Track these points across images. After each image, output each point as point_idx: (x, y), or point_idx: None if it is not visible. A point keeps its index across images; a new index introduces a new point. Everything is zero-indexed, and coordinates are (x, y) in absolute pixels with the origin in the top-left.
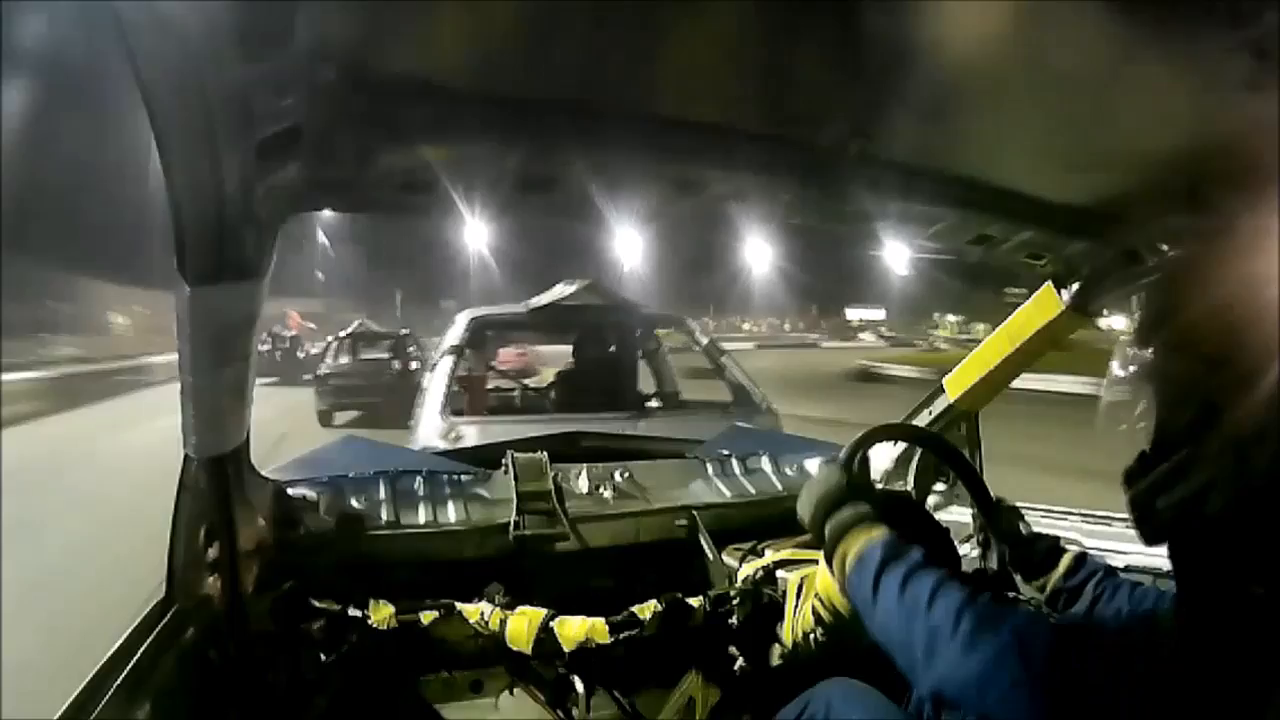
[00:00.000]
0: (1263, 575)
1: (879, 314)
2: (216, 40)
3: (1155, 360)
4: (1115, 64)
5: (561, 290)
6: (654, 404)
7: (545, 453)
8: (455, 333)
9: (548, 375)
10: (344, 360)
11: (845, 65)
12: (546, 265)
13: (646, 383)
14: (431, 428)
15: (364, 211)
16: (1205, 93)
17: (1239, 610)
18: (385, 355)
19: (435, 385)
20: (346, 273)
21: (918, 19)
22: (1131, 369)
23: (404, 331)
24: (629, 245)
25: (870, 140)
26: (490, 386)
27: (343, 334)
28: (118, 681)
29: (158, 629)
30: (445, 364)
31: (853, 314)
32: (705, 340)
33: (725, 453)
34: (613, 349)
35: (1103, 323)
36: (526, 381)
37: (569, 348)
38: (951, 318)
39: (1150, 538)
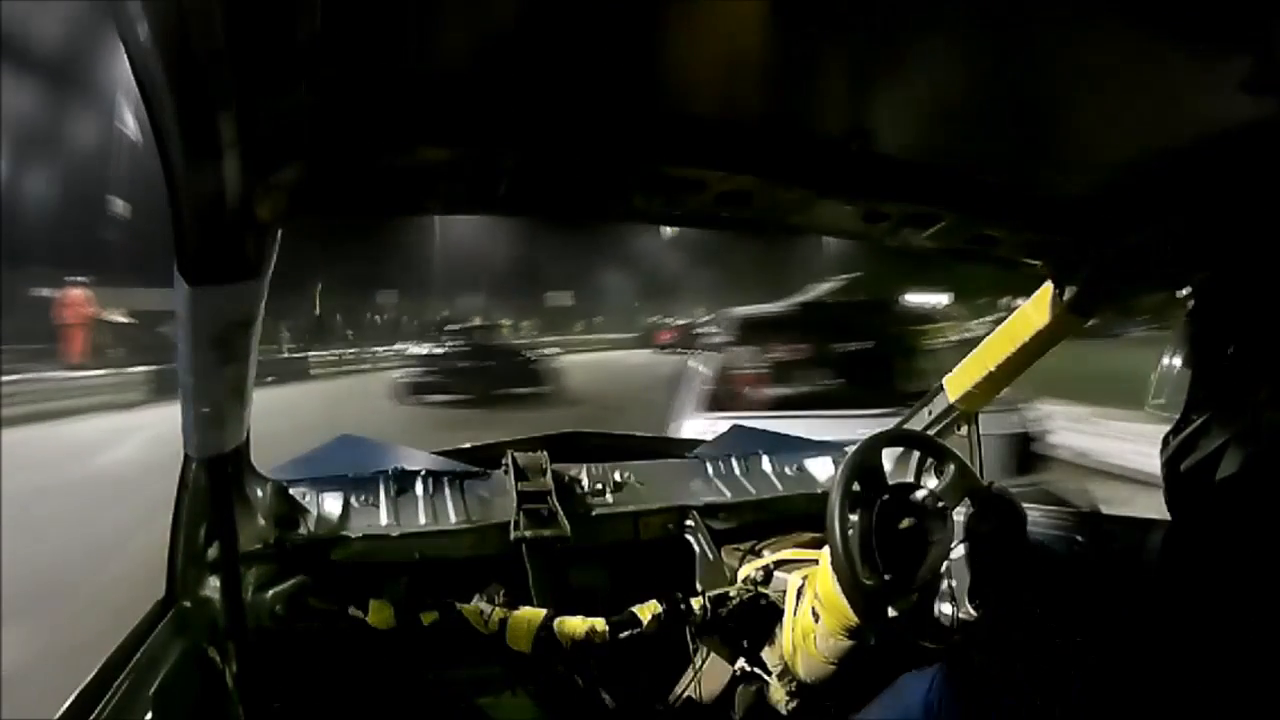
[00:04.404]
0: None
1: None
2: (216, 39)
3: (1191, 324)
4: (1116, 63)
5: (825, 286)
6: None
7: (545, 452)
8: (722, 330)
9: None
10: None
11: (845, 63)
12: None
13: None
14: (692, 427)
15: (365, 212)
16: (1206, 93)
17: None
18: None
19: (696, 383)
20: None
21: (919, 15)
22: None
23: None
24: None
25: (869, 139)
26: (752, 382)
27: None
28: (118, 681)
29: (158, 629)
30: (709, 362)
31: None
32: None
33: (725, 453)
34: (871, 345)
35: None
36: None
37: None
38: None
39: (1176, 501)
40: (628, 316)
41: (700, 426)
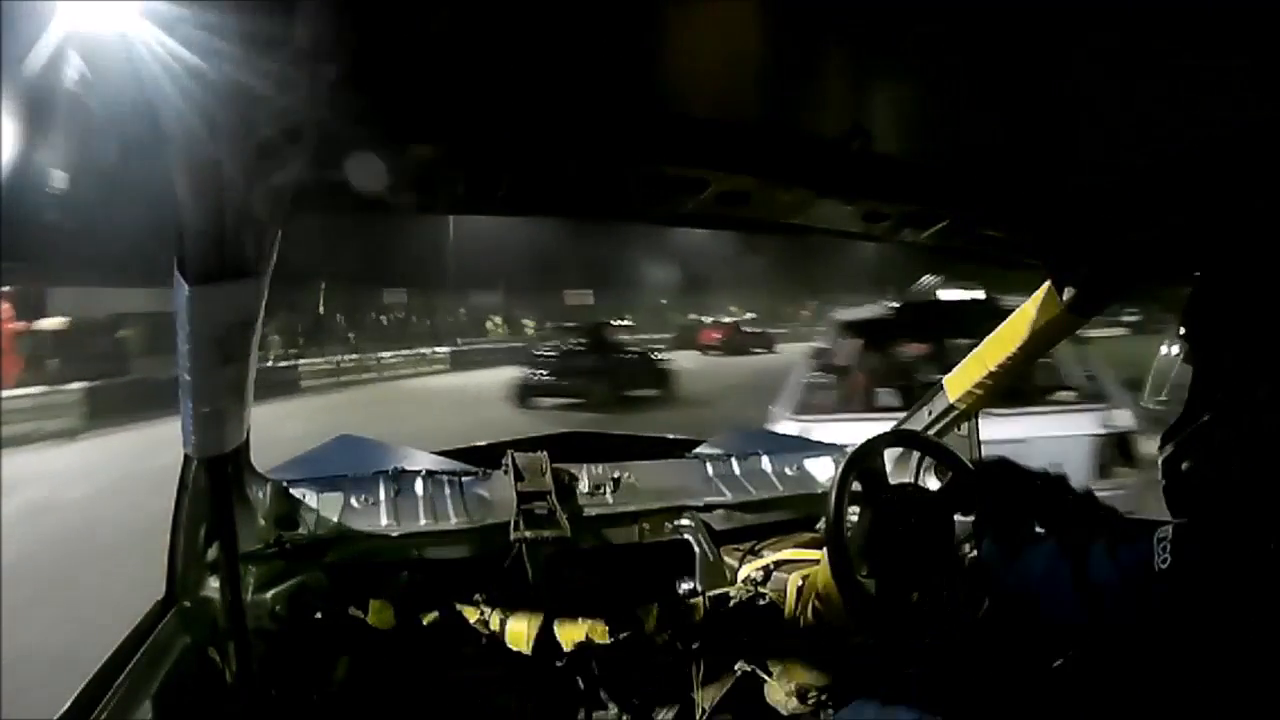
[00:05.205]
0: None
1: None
2: (216, 40)
3: (1190, 323)
4: (1116, 63)
5: (925, 284)
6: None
7: (545, 452)
8: (825, 336)
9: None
10: None
11: (845, 63)
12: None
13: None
14: (784, 429)
15: (365, 212)
16: (1206, 93)
17: (1246, 570)
18: None
19: (790, 387)
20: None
21: (918, 16)
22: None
23: None
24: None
25: (869, 139)
26: (859, 384)
27: None
28: (118, 681)
29: (158, 629)
30: (804, 365)
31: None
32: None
33: (725, 453)
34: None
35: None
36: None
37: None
38: None
39: (1176, 501)
40: (657, 315)
41: (793, 428)
